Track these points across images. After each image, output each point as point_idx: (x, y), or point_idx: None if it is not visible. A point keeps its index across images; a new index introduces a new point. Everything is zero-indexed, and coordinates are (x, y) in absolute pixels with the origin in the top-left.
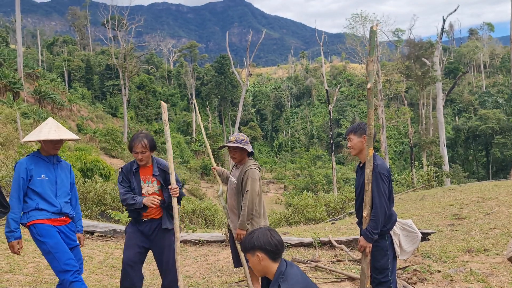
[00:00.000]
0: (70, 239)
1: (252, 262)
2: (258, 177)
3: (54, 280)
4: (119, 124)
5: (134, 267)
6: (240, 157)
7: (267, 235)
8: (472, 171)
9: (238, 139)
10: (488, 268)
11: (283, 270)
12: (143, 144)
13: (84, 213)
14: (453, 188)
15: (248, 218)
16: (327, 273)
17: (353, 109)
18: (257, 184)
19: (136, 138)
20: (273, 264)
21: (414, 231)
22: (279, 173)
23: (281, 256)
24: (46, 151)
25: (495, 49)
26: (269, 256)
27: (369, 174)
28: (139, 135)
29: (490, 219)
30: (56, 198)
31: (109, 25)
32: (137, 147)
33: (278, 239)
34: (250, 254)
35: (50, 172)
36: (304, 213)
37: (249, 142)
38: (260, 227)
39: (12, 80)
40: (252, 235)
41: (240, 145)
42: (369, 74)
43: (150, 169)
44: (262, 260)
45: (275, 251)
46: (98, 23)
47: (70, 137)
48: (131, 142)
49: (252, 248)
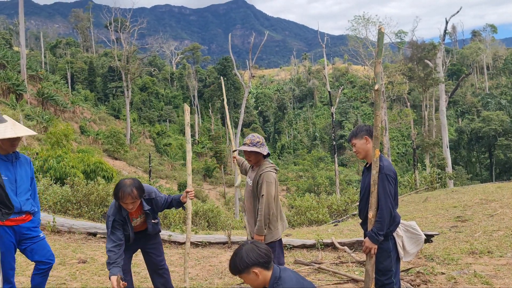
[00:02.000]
0: (31, 236)
1: (250, 280)
2: (274, 179)
3: (57, 281)
4: (122, 126)
5: (126, 273)
6: (255, 160)
7: (254, 248)
8: (475, 173)
9: (254, 141)
10: (492, 270)
11: (278, 276)
12: (133, 196)
13: (87, 215)
14: (456, 190)
15: (265, 223)
16: (330, 275)
17: (355, 111)
18: (273, 187)
19: (124, 189)
20: (268, 273)
21: (417, 233)
22: (281, 175)
23: (272, 262)
24: (4, 149)
25: (498, 51)
26: (264, 268)
27: (375, 175)
28: (126, 187)
29: (494, 221)
30: (17, 197)
31: (112, 27)
32: (127, 198)
33: (265, 247)
34: (245, 273)
35: (9, 171)
36: (307, 215)
37: (264, 144)
38: (241, 244)
39: (15, 82)
40: (240, 255)
41: (255, 149)
42: (376, 75)
43: (139, 207)
44: (259, 275)
45: (267, 260)
46: (101, 25)
47: (27, 133)
48: (118, 193)
49: (246, 267)
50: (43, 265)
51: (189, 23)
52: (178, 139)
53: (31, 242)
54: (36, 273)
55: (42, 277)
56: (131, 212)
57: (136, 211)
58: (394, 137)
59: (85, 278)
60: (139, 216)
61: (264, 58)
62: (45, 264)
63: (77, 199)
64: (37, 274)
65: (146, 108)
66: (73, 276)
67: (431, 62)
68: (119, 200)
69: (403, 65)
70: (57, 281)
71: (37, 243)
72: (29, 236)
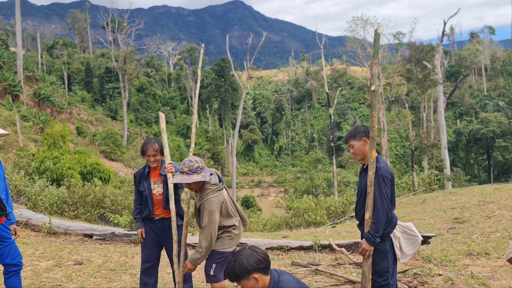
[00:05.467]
0: (5, 238)
1: (249, 286)
2: (215, 207)
3: (52, 283)
4: (119, 127)
5: (151, 263)
6: (196, 187)
7: (253, 254)
8: (473, 174)
9: (193, 167)
10: (489, 271)
11: (277, 279)
12: (155, 148)
13: (83, 216)
14: (454, 192)
15: (204, 256)
16: (327, 277)
17: (354, 112)
18: (214, 215)
19: (148, 143)
20: (267, 277)
21: (414, 234)
22: (279, 177)
23: (270, 267)
24: None
25: (496, 52)
26: (264, 273)
27: (371, 177)
28: (151, 141)
29: (491, 222)
30: None
31: (109, 28)
32: (149, 150)
33: (263, 252)
34: (245, 280)
35: None
36: (305, 216)
37: (204, 166)
38: (240, 248)
39: (11, 83)
40: (240, 261)
41: (196, 178)
42: (373, 76)
43: (159, 171)
44: (259, 280)
45: (266, 265)
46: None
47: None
48: (143, 147)
49: (247, 273)
50: (15, 267)
51: (187, 24)
52: (175, 140)
53: (3, 244)
54: (9, 276)
55: (17, 278)
56: (152, 175)
57: (155, 175)
58: (392, 138)
59: (81, 279)
60: (157, 183)
61: (262, 59)
62: (16, 266)
63: (74, 200)
64: (11, 277)
65: (143, 109)
66: (69, 278)
67: (429, 63)
68: (143, 153)
69: (401, 67)
70: (53, 283)
71: (9, 245)
72: (4, 236)
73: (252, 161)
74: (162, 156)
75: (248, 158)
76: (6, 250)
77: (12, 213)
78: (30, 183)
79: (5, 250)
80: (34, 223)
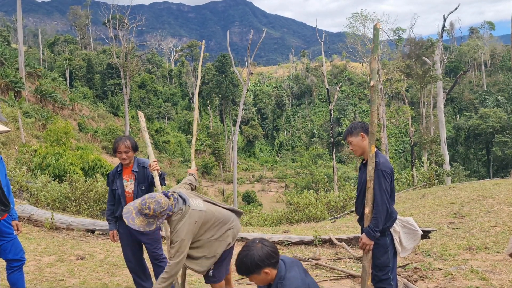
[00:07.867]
0: (7, 233)
1: (258, 280)
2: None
3: (55, 278)
4: (121, 123)
5: (133, 262)
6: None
7: (264, 248)
8: (473, 169)
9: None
10: (489, 265)
11: (282, 275)
12: (126, 145)
13: (85, 211)
14: (453, 187)
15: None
16: (327, 271)
17: (353, 108)
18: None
19: (119, 140)
20: (275, 271)
21: (414, 228)
22: (280, 172)
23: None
24: None
25: (496, 48)
26: (274, 266)
27: (371, 172)
28: (122, 138)
29: (491, 217)
30: None
31: (110, 24)
32: (121, 147)
33: (273, 245)
34: (256, 274)
35: None
36: (305, 211)
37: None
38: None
39: (13, 79)
40: (251, 256)
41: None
42: (372, 71)
43: (131, 168)
44: (269, 274)
45: (277, 259)
46: (99, 22)
47: (2, 129)
48: (115, 144)
49: (258, 268)
50: (17, 262)
51: (188, 20)
52: (177, 136)
53: (6, 240)
54: (12, 271)
55: (19, 273)
56: (124, 172)
57: (128, 173)
58: (392, 134)
59: (83, 274)
60: (130, 180)
61: (263, 55)
62: (19, 261)
63: (76, 196)
64: (14, 272)
65: (145, 105)
66: (71, 273)
67: (429, 59)
68: (115, 150)
69: (401, 62)
70: (55, 278)
71: (11, 241)
72: (6, 232)
73: (253, 157)
74: (135, 153)
75: (249, 153)
76: (9, 246)
77: (13, 209)
78: (32, 179)
79: (7, 246)
80: (37, 219)
